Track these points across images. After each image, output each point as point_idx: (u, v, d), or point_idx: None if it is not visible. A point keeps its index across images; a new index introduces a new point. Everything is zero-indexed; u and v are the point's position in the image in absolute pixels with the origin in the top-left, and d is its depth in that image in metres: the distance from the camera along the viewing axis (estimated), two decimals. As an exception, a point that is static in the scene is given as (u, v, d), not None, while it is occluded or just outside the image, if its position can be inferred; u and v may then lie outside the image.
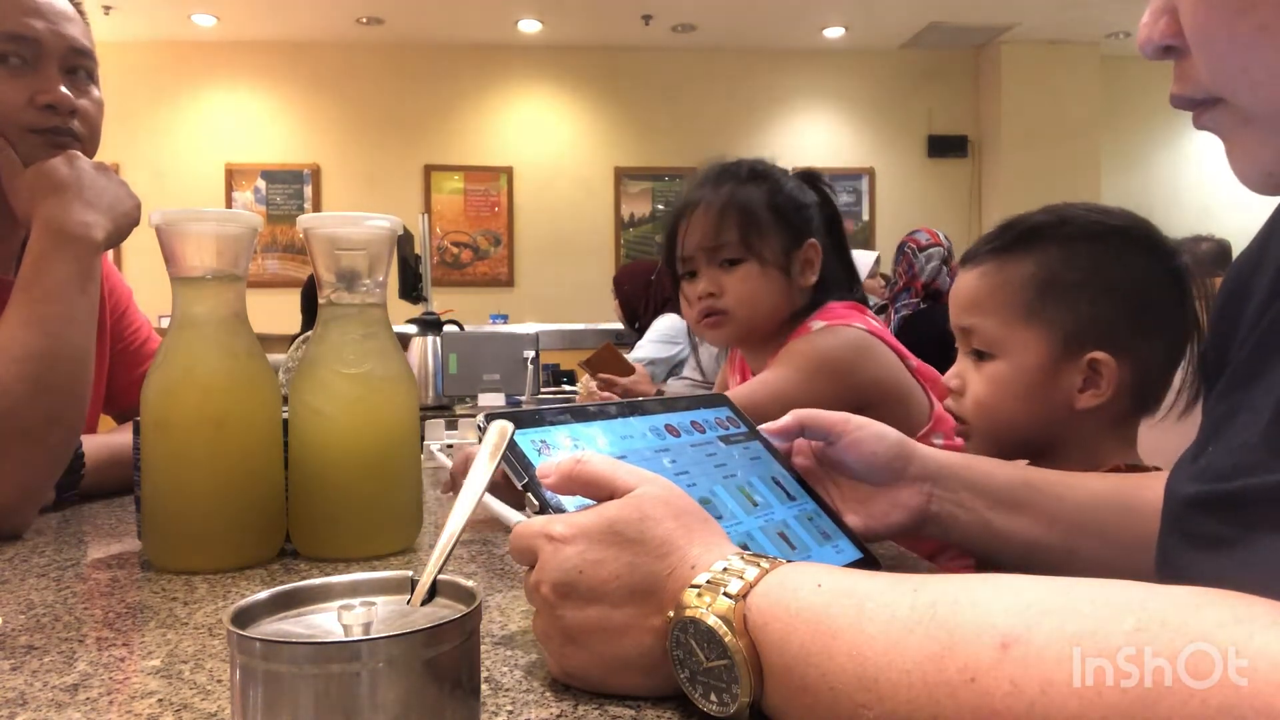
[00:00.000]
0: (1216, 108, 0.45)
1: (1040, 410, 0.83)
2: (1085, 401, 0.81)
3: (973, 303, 0.86)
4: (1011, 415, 0.83)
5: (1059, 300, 0.82)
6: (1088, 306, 0.82)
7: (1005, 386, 0.83)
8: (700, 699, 0.42)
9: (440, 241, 6.72)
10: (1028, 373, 0.82)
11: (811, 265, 1.34)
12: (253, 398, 0.80)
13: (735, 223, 1.31)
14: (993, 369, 0.84)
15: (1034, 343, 0.82)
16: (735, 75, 6.95)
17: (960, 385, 0.87)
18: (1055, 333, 0.82)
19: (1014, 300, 0.83)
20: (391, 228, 0.82)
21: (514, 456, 0.53)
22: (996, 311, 0.84)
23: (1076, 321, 0.81)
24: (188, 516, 0.76)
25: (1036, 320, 0.82)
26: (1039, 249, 0.84)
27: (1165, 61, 0.46)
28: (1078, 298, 0.82)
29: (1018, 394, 0.83)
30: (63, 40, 1.03)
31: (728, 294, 1.31)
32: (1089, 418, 0.82)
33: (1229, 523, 0.49)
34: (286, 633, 0.39)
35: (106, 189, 1.00)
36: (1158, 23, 0.45)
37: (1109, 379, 0.81)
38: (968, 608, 0.36)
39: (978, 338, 0.86)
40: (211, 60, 6.53)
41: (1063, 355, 0.81)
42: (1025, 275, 0.83)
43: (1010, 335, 0.83)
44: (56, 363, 0.91)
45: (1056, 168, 6.74)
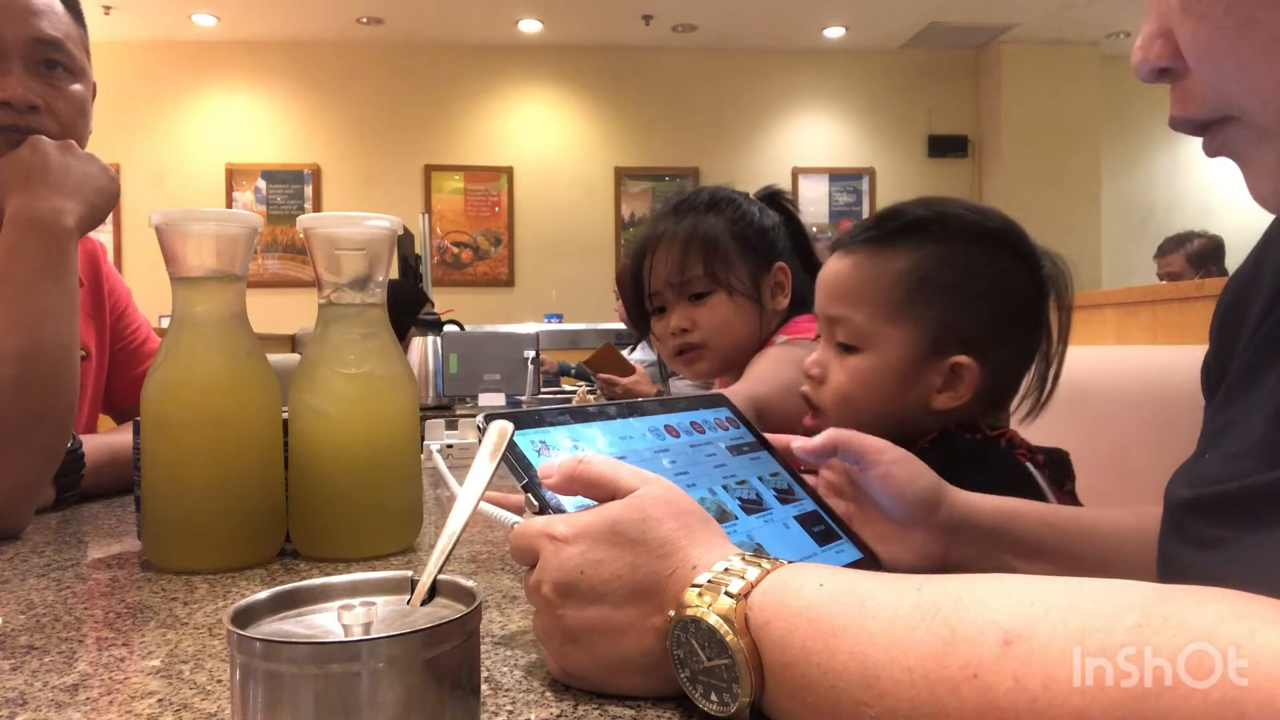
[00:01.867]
0: (1228, 127, 0.44)
1: (897, 407, 0.83)
2: (942, 403, 0.82)
3: (843, 293, 0.85)
4: (869, 408, 0.83)
5: (930, 300, 0.82)
6: (957, 309, 0.82)
7: (867, 381, 0.83)
8: (701, 699, 0.42)
9: (440, 241, 6.72)
10: (890, 369, 0.82)
11: (782, 288, 1.33)
12: (253, 398, 0.79)
13: (700, 255, 1.29)
14: (856, 362, 0.84)
15: (900, 341, 0.82)
16: (735, 75, 6.95)
17: (821, 374, 0.86)
18: (923, 333, 0.82)
19: (885, 296, 0.83)
20: (391, 228, 0.82)
21: (514, 457, 0.53)
22: (866, 305, 0.83)
23: (944, 324, 0.81)
24: (188, 516, 0.76)
25: (905, 319, 0.82)
26: (915, 245, 0.83)
27: None
28: (949, 300, 0.82)
29: (878, 389, 0.83)
30: (24, 33, 1.00)
31: (700, 327, 1.30)
32: (943, 414, 0.83)
33: (1225, 524, 0.49)
34: (286, 633, 0.39)
35: (73, 169, 0.96)
36: (1153, 45, 0.44)
37: (969, 382, 0.81)
38: (970, 605, 0.36)
39: (844, 330, 0.85)
40: (211, 60, 6.53)
41: (927, 355, 0.81)
42: (899, 271, 0.83)
43: (877, 331, 0.83)
44: (36, 358, 0.89)
45: (1056, 168, 6.74)
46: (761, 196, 1.39)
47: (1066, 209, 6.70)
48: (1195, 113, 0.44)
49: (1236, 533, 0.48)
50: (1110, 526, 0.70)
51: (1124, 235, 6.98)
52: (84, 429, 1.20)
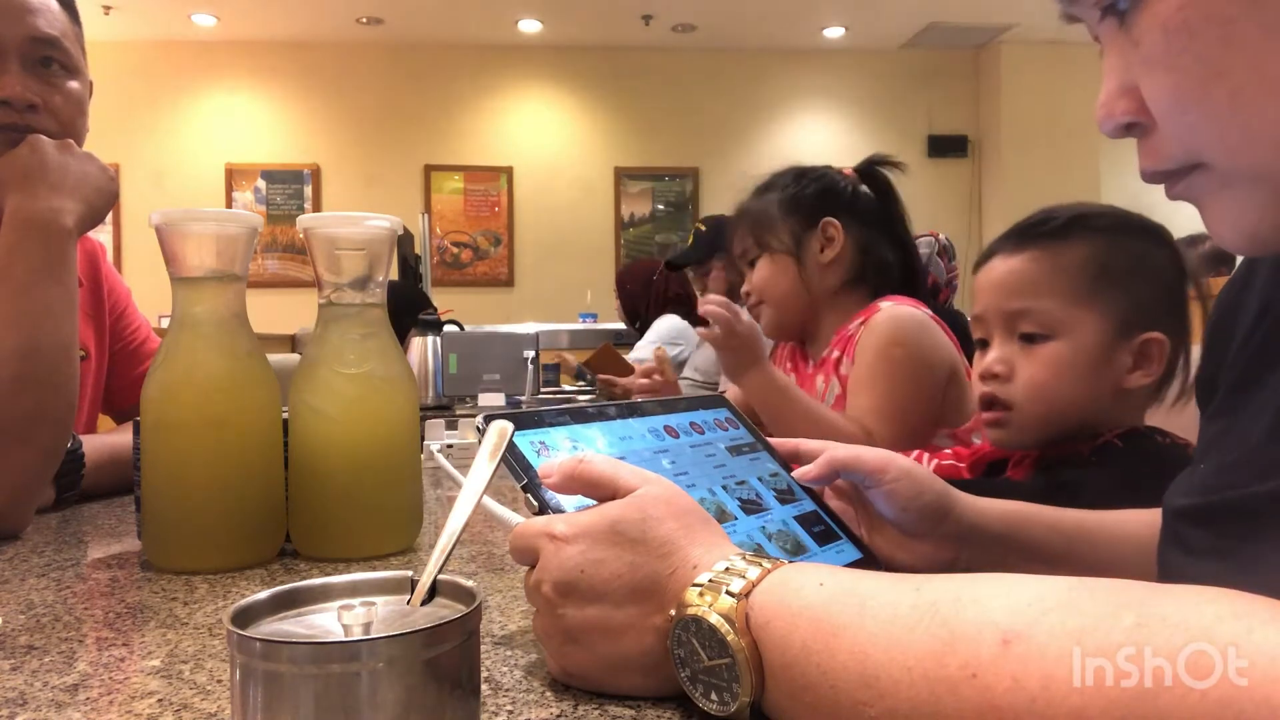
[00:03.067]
0: (1192, 175, 0.44)
1: (1093, 390, 0.85)
2: (1135, 381, 0.84)
3: (1025, 286, 0.87)
4: (1068, 395, 0.85)
5: (1114, 284, 0.85)
6: (1139, 291, 0.85)
7: (1065, 367, 0.85)
8: (701, 698, 0.42)
9: (440, 241, 6.72)
10: (1087, 353, 0.84)
11: (832, 242, 1.43)
12: (253, 398, 0.79)
13: (749, 228, 1.47)
14: (1050, 350, 0.85)
15: (1092, 323, 0.84)
16: (735, 75, 6.95)
17: (1007, 370, 0.87)
18: (1112, 315, 0.84)
19: (1072, 284, 0.85)
20: (391, 228, 0.82)
21: (513, 457, 0.53)
22: (1054, 294, 0.85)
23: (1131, 305, 0.85)
24: (188, 516, 0.76)
25: (1095, 302, 0.85)
26: (1088, 237, 0.87)
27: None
28: (1130, 283, 0.85)
29: (1077, 374, 0.84)
30: (20, 31, 1.00)
31: (755, 289, 1.46)
32: (1129, 399, 0.85)
33: (1222, 534, 0.49)
34: (286, 633, 0.39)
35: (72, 169, 0.96)
36: (1117, 103, 0.44)
37: (1160, 358, 0.84)
38: (969, 605, 0.36)
39: (1032, 320, 0.86)
40: (211, 60, 6.53)
41: (1119, 336, 0.84)
42: (1081, 259, 0.86)
43: (1069, 316, 0.85)
44: (35, 358, 0.88)
45: (1056, 168, 6.74)
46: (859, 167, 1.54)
47: (1066, 209, 6.70)
48: (1164, 165, 0.44)
49: (1233, 544, 0.48)
50: (1116, 529, 0.70)
51: (1124, 235, 6.98)
52: (84, 429, 1.20)
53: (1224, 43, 0.39)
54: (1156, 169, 0.45)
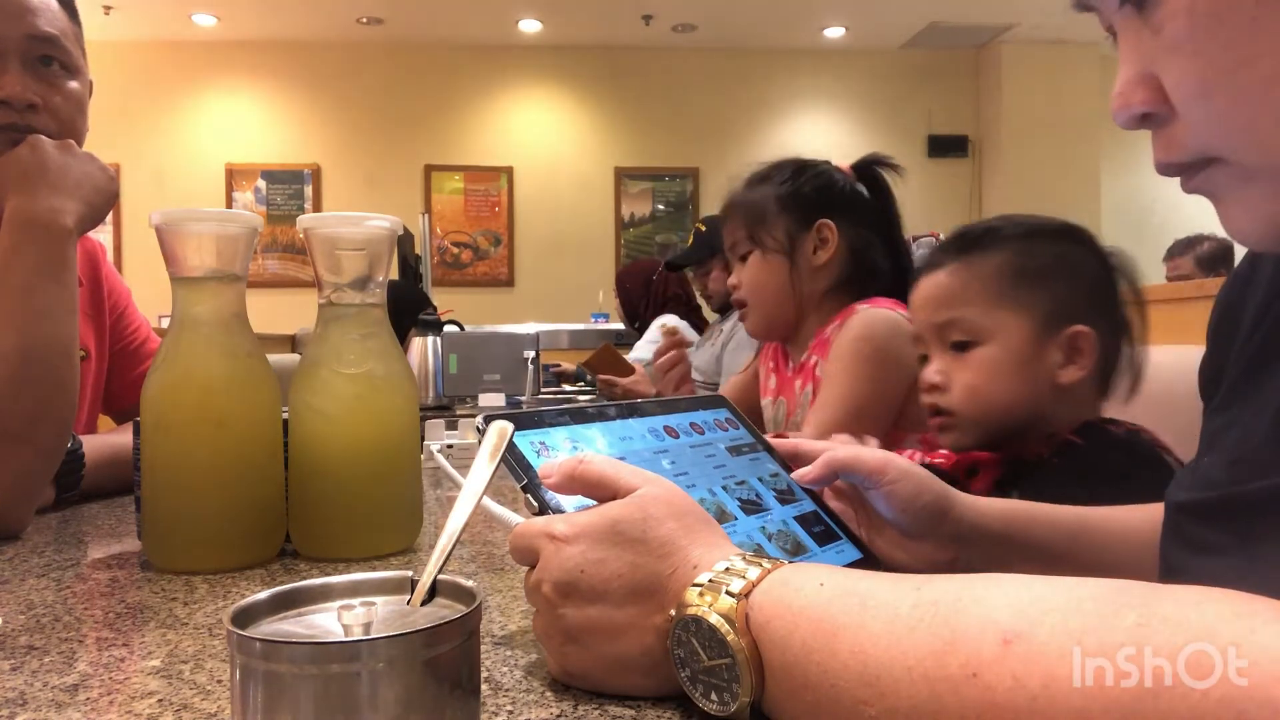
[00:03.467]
0: (1211, 168, 0.43)
1: (1028, 387, 0.86)
2: (1069, 375, 0.85)
3: (949, 298, 0.90)
4: (1002, 396, 0.86)
5: (1032, 285, 0.87)
6: (1058, 288, 0.87)
7: (995, 369, 0.87)
8: (701, 698, 0.42)
9: (440, 241, 6.72)
10: (1015, 352, 0.86)
11: (826, 244, 1.41)
12: (253, 398, 0.79)
13: (741, 221, 1.44)
14: (980, 355, 0.88)
15: (1016, 324, 0.86)
16: (735, 75, 6.95)
17: (944, 380, 0.90)
18: (1034, 313, 0.86)
19: (989, 289, 0.88)
20: (391, 228, 0.82)
21: (513, 458, 0.53)
22: (975, 301, 0.88)
23: (1052, 301, 0.87)
24: (188, 516, 0.76)
25: (1015, 304, 0.87)
26: (1000, 246, 0.90)
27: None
28: (1047, 281, 0.87)
29: (1008, 374, 0.86)
30: (20, 30, 1.00)
31: (743, 285, 1.44)
32: (1065, 396, 0.87)
33: (1223, 529, 0.49)
34: (286, 633, 0.39)
35: (72, 169, 0.96)
36: (1134, 92, 0.43)
37: (1089, 350, 0.85)
38: (970, 605, 0.36)
39: (959, 329, 0.89)
40: (211, 60, 6.53)
41: (1044, 332, 0.86)
42: (996, 265, 0.89)
43: (993, 320, 0.87)
44: (35, 359, 0.88)
45: (1056, 168, 6.74)
46: (857, 165, 1.51)
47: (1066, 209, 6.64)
48: (1180, 157, 0.43)
49: (1234, 540, 0.48)
50: (1118, 526, 0.70)
51: (1124, 235, 6.94)
52: (84, 429, 1.20)
53: (1253, 28, 0.38)
54: (1172, 161, 0.44)
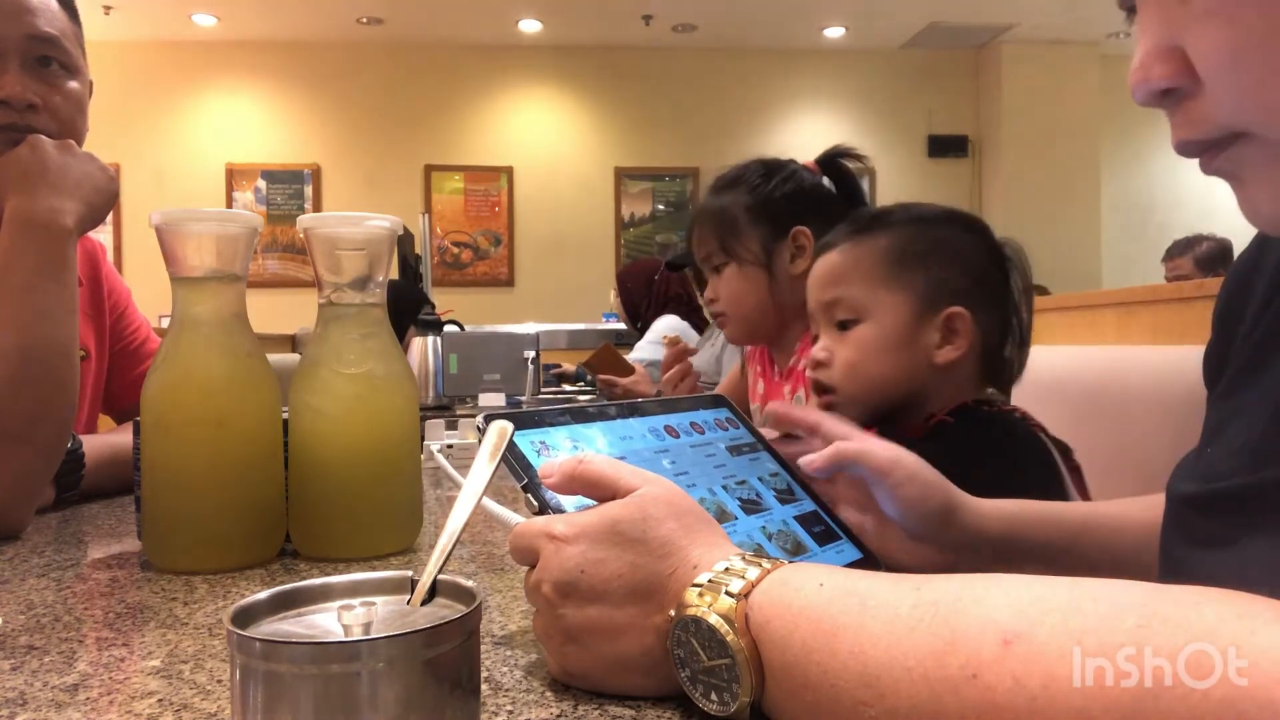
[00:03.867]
0: (1236, 145, 0.41)
1: (905, 366, 0.88)
2: (945, 355, 0.87)
3: (836, 277, 0.93)
4: (879, 372, 0.89)
5: (914, 266, 0.90)
6: (939, 270, 0.90)
7: (873, 346, 0.89)
8: (701, 698, 0.42)
9: (440, 241, 6.72)
10: (893, 331, 0.88)
11: (803, 251, 1.38)
12: (253, 398, 0.79)
13: (713, 232, 1.41)
14: (860, 333, 0.90)
15: (895, 304, 0.89)
16: (735, 75, 6.95)
17: (828, 356, 0.92)
18: (913, 294, 0.89)
19: (873, 269, 0.91)
20: (391, 228, 0.82)
21: (513, 457, 0.53)
22: (858, 281, 0.91)
23: (931, 283, 0.89)
24: (188, 516, 0.76)
25: (896, 284, 0.89)
26: (889, 227, 0.92)
27: None
28: (929, 263, 0.90)
29: (885, 351, 0.89)
30: (19, 30, 1.00)
31: (720, 298, 1.41)
32: (946, 375, 0.89)
33: (1226, 522, 0.49)
34: (286, 633, 0.39)
35: (72, 169, 0.96)
36: (1154, 66, 0.41)
37: (965, 332, 0.87)
38: (970, 605, 0.36)
39: (842, 307, 0.92)
40: (211, 60, 6.53)
41: (922, 313, 0.88)
42: (881, 247, 0.91)
43: (873, 299, 0.90)
44: (35, 359, 0.88)
45: (1056, 168, 6.74)
46: (821, 160, 1.47)
47: (1066, 209, 6.71)
48: (1204, 133, 0.41)
49: (1237, 532, 0.48)
50: (1117, 521, 0.70)
51: (1124, 235, 6.98)
52: (84, 429, 1.20)
53: None
54: (1195, 138, 0.42)
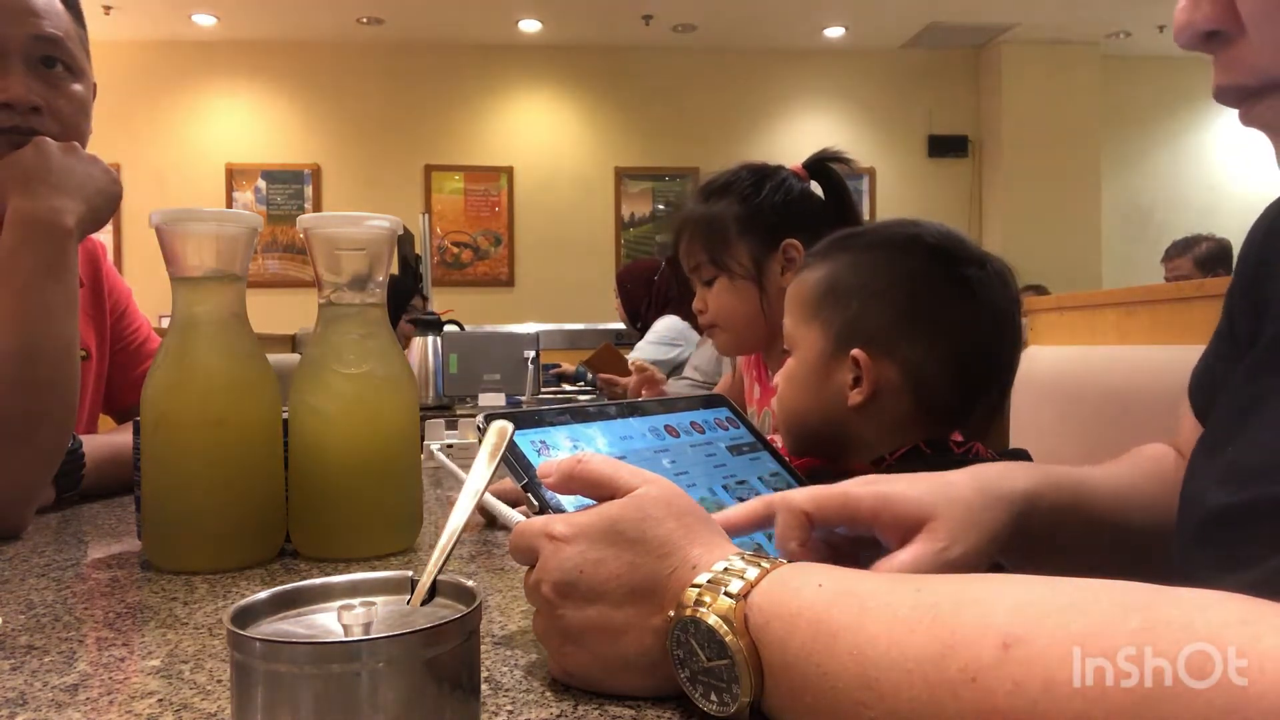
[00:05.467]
0: (1277, 95, 0.40)
1: (820, 404, 0.86)
2: (854, 398, 0.85)
3: (785, 305, 0.93)
4: (798, 407, 0.88)
5: (835, 302, 0.87)
6: (856, 308, 0.86)
7: (794, 380, 0.89)
8: (700, 699, 0.42)
9: (440, 241, 6.72)
10: (808, 366, 0.87)
11: (793, 264, 1.35)
12: (253, 398, 0.79)
13: (702, 244, 1.38)
14: (789, 365, 0.90)
15: (813, 340, 0.88)
16: (735, 75, 6.95)
17: (776, 385, 0.92)
18: (828, 331, 0.87)
19: (803, 303, 0.90)
20: (391, 228, 0.82)
21: (514, 457, 0.53)
22: (793, 312, 0.91)
23: (845, 321, 0.86)
24: (188, 516, 0.76)
25: (815, 320, 0.88)
26: (834, 259, 0.90)
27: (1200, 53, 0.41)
28: (849, 300, 0.87)
29: (802, 387, 0.88)
30: (24, 31, 1.00)
31: (710, 309, 1.39)
32: (870, 417, 0.85)
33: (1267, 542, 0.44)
34: (286, 633, 0.39)
35: (75, 171, 0.96)
36: (1200, 7, 0.40)
37: (867, 376, 0.84)
38: (970, 607, 0.36)
39: (787, 338, 0.91)
40: (211, 60, 6.53)
41: (835, 352, 0.86)
42: (813, 281, 0.90)
43: (798, 333, 0.89)
44: (35, 358, 0.88)
45: (1056, 168, 6.74)
46: (809, 164, 1.42)
47: (1066, 209, 6.71)
48: (1245, 79, 0.40)
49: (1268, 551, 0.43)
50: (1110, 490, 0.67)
51: (1124, 235, 6.98)
52: (84, 429, 1.20)
53: None
54: (1235, 84, 0.41)
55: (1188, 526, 0.53)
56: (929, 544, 0.51)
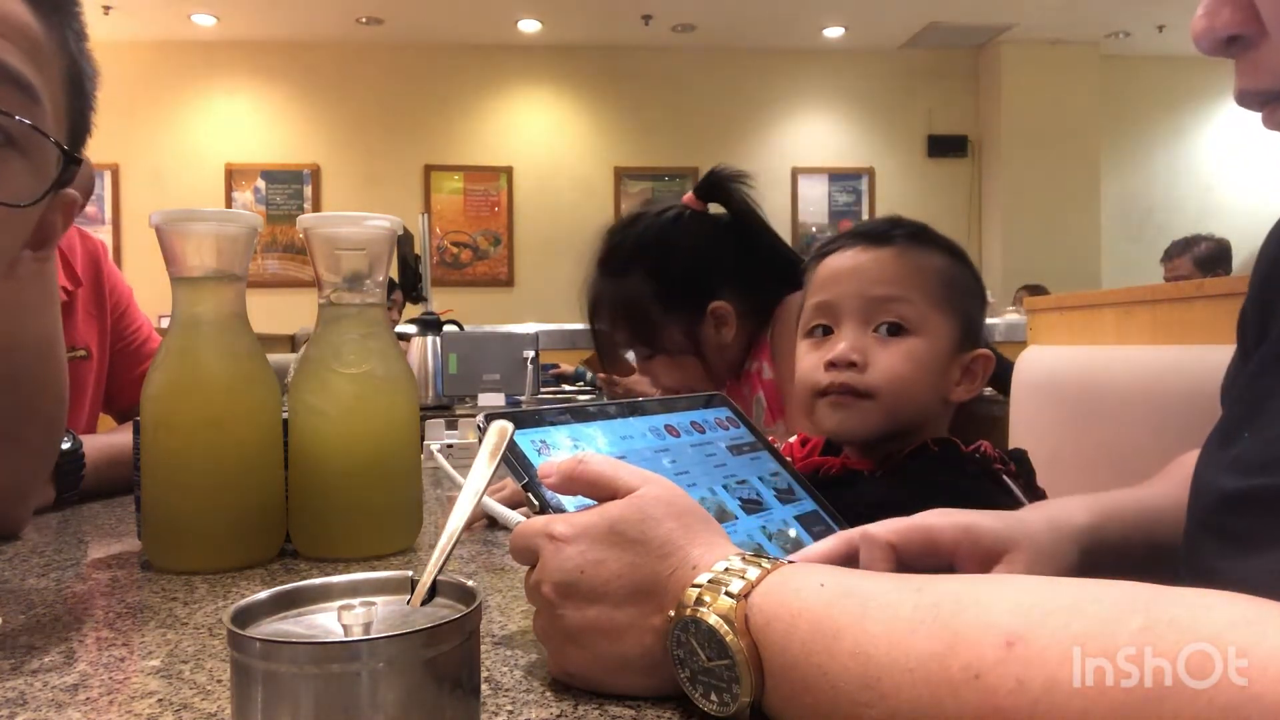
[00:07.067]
0: None
1: (935, 392, 0.86)
2: (959, 394, 0.86)
3: (894, 277, 0.87)
4: (919, 390, 0.85)
5: (960, 297, 0.88)
6: (976, 309, 0.90)
7: (922, 362, 0.86)
8: (701, 699, 0.42)
9: (440, 241, 6.72)
10: (939, 354, 0.86)
11: (726, 322, 1.34)
12: (253, 398, 0.79)
13: (627, 329, 1.37)
14: (911, 345, 0.86)
15: (946, 329, 0.87)
16: (735, 75, 6.95)
17: (864, 359, 0.85)
18: (957, 326, 0.87)
19: (931, 286, 0.87)
20: (391, 228, 0.82)
21: (514, 457, 0.53)
22: (918, 291, 0.87)
23: (969, 320, 0.88)
24: (188, 516, 0.76)
25: (948, 309, 0.87)
26: (939, 249, 0.90)
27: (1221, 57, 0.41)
28: (970, 300, 0.89)
29: (929, 372, 0.86)
30: None
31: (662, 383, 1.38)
32: (944, 411, 0.88)
33: (1273, 524, 0.45)
34: (286, 633, 0.39)
35: None
36: (1221, 11, 0.40)
37: (983, 376, 0.87)
38: (971, 607, 0.36)
39: (897, 311, 0.86)
40: (211, 60, 6.53)
41: (960, 347, 0.87)
42: (937, 267, 0.89)
43: (929, 316, 0.86)
44: (15, 356, 0.87)
45: (1056, 168, 6.75)
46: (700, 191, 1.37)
47: (1066, 209, 6.71)
48: (1269, 84, 0.40)
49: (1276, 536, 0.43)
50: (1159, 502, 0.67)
51: (1124, 235, 6.98)
52: (84, 429, 1.20)
53: None
54: (1258, 88, 0.41)
55: (1198, 511, 0.53)
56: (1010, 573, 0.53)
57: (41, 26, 0.72)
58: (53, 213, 0.74)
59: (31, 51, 0.67)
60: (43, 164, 0.67)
